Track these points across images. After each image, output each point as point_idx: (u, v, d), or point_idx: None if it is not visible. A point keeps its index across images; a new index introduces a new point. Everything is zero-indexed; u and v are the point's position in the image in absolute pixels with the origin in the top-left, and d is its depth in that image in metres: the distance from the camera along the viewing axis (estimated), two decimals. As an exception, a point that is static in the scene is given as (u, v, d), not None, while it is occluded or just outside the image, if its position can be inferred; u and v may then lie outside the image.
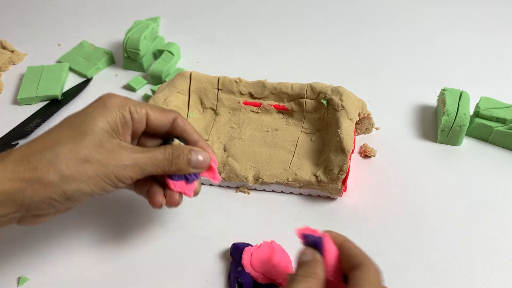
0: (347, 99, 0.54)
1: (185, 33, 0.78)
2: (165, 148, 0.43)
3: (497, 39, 0.76)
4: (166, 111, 0.45)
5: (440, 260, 0.48)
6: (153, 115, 0.44)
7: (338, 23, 0.80)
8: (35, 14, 0.83)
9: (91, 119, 0.40)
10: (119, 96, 0.43)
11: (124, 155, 0.40)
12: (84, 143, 0.39)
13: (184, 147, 0.43)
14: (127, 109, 0.42)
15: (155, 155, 0.42)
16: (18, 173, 0.37)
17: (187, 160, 0.43)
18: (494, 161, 0.57)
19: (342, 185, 0.51)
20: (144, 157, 0.41)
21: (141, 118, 0.43)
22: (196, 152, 0.44)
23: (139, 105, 0.43)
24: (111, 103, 0.42)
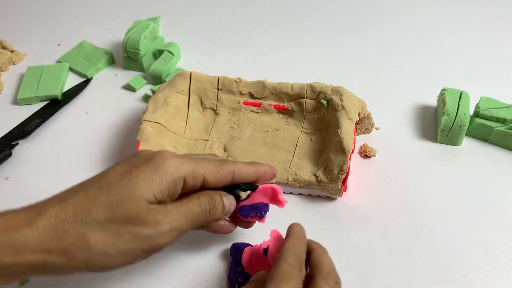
0: (347, 99, 0.54)
1: (185, 33, 0.78)
2: (198, 198, 0.39)
3: (497, 39, 0.76)
4: (223, 167, 0.41)
5: (440, 260, 0.48)
6: (211, 177, 0.40)
7: (338, 23, 0.80)
8: (35, 14, 0.83)
9: (133, 186, 0.36)
10: (175, 159, 0.38)
11: (159, 217, 0.36)
12: (117, 213, 0.35)
13: (214, 192, 0.40)
14: (181, 178, 0.38)
15: (191, 210, 0.38)
16: (43, 243, 0.34)
17: (221, 206, 0.40)
18: (494, 161, 0.57)
19: (342, 185, 0.51)
20: (181, 218, 0.37)
21: (197, 183, 0.40)
22: (225, 196, 0.41)
23: (196, 167, 0.39)
24: (164, 169, 0.37)
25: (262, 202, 0.44)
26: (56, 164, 0.59)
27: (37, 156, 0.60)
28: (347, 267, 0.48)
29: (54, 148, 0.60)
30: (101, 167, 0.58)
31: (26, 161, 0.59)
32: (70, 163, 0.59)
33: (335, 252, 0.49)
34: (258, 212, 0.43)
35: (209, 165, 0.40)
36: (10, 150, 0.58)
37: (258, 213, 0.43)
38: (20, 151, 0.60)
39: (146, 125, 0.54)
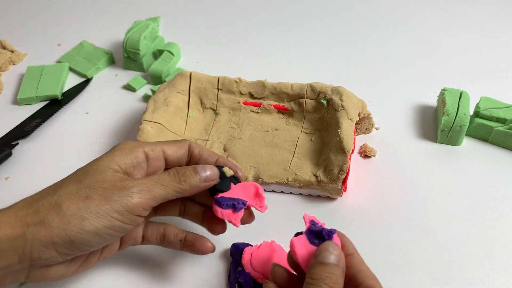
0: (347, 99, 0.54)
1: (185, 33, 0.78)
2: (169, 171, 0.42)
3: (497, 39, 0.76)
4: (178, 142, 0.45)
5: (440, 260, 0.48)
6: (169, 149, 0.43)
7: (338, 23, 0.80)
8: (35, 14, 0.83)
9: (97, 161, 0.40)
10: (132, 141, 0.42)
11: (127, 183, 0.39)
12: (85, 182, 0.38)
13: (187, 166, 0.43)
14: (140, 150, 0.42)
15: (160, 176, 0.41)
16: (20, 218, 0.36)
17: (194, 173, 0.42)
18: (494, 161, 0.57)
19: (342, 185, 0.51)
20: (149, 180, 0.40)
21: (158, 155, 0.43)
22: (202, 167, 0.42)
23: (154, 144, 0.43)
24: (121, 146, 0.42)
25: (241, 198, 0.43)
26: (56, 164, 0.59)
27: (37, 156, 0.60)
28: (347, 267, 0.48)
29: (54, 148, 0.60)
30: (101, 167, 0.58)
31: (26, 161, 0.59)
32: (70, 163, 0.58)
33: (335, 252, 0.49)
34: (235, 202, 0.42)
35: (165, 142, 0.44)
36: (10, 150, 0.58)
37: (234, 203, 0.42)
38: (20, 151, 0.60)
39: (146, 125, 0.54)
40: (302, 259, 0.36)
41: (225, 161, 0.46)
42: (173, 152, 0.44)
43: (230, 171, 0.45)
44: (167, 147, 0.43)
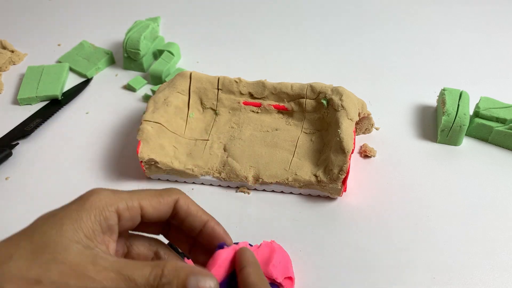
0: (347, 99, 0.55)
1: (185, 33, 0.78)
2: (152, 268, 0.32)
3: (497, 39, 0.76)
4: (164, 195, 0.36)
5: (440, 260, 0.48)
6: (149, 207, 0.35)
7: (338, 23, 0.80)
8: (35, 14, 0.83)
9: (58, 227, 0.31)
10: (105, 193, 0.34)
11: (91, 273, 0.31)
12: (39, 259, 0.30)
13: (181, 268, 0.32)
14: (112, 210, 0.33)
15: (132, 278, 0.31)
16: None
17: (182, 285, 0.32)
18: (494, 161, 0.57)
19: (342, 185, 0.51)
20: (117, 281, 0.31)
21: (134, 215, 0.35)
22: (198, 277, 0.32)
23: (131, 198, 0.34)
24: (91, 204, 0.33)
25: None
26: (56, 164, 0.59)
27: (37, 156, 0.60)
28: (347, 267, 0.48)
29: (54, 148, 0.60)
30: (101, 167, 0.58)
31: (26, 161, 0.59)
32: (70, 163, 0.59)
33: (335, 252, 0.49)
34: None
35: (147, 194, 0.35)
36: (10, 150, 0.58)
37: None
38: (20, 151, 0.60)
39: (146, 125, 0.54)
40: None
41: (214, 225, 0.37)
42: (153, 211, 0.35)
43: None
44: (147, 202, 0.35)
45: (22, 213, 0.53)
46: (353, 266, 0.48)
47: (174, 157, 0.54)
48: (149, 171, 0.55)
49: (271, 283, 0.45)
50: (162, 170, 0.54)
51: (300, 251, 0.49)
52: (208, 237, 0.37)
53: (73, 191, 0.45)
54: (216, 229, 0.37)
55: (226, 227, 0.51)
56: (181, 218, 0.37)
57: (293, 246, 0.49)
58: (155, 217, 0.36)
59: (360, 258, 0.48)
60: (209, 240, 0.37)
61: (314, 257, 0.48)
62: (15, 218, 0.50)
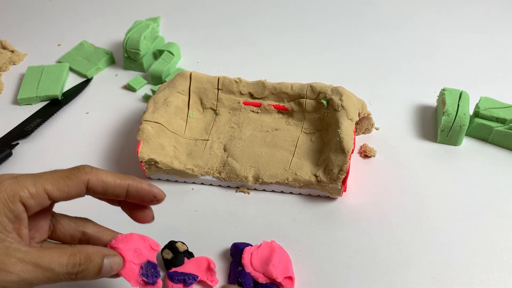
0: (347, 99, 0.55)
1: (185, 33, 0.78)
2: (68, 257, 0.34)
3: (497, 39, 0.76)
4: (73, 177, 0.36)
5: (440, 260, 0.48)
6: (56, 191, 0.35)
7: (338, 23, 0.80)
8: (35, 14, 0.83)
9: None
10: (6, 182, 0.34)
11: (8, 268, 0.32)
12: None
13: (95, 253, 0.35)
14: (16, 201, 0.33)
15: (52, 268, 0.33)
16: None
17: (97, 270, 0.35)
18: (494, 161, 0.57)
19: (342, 185, 0.51)
20: (35, 272, 0.32)
21: (40, 201, 0.34)
22: (109, 258, 0.36)
23: (34, 184, 0.34)
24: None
25: (193, 273, 0.46)
26: (56, 164, 0.58)
27: (37, 156, 0.60)
28: (347, 267, 0.48)
29: (54, 148, 0.60)
30: (101, 167, 0.57)
31: (26, 161, 0.59)
32: (70, 163, 0.58)
33: (335, 252, 0.49)
34: (186, 277, 0.45)
35: (53, 177, 0.35)
36: (10, 150, 0.58)
37: (185, 277, 0.45)
38: (20, 151, 0.60)
39: (146, 125, 0.54)
40: None
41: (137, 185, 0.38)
42: (61, 194, 0.35)
43: (184, 246, 0.47)
44: (53, 187, 0.35)
45: (22, 213, 0.53)
46: (353, 266, 0.48)
47: (174, 157, 0.55)
48: (149, 171, 0.55)
49: (271, 283, 0.45)
50: (162, 170, 0.54)
51: (300, 251, 0.49)
52: (136, 197, 0.39)
53: (73, 191, 0.45)
54: (140, 188, 0.38)
55: (226, 227, 0.51)
56: (100, 193, 0.37)
57: (293, 246, 0.49)
58: (65, 198, 0.36)
59: (360, 258, 0.48)
60: (138, 199, 0.39)
61: (314, 257, 0.48)
62: (15, 218, 0.50)
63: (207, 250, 0.49)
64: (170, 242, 0.48)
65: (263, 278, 0.45)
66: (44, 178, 0.35)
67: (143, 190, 0.39)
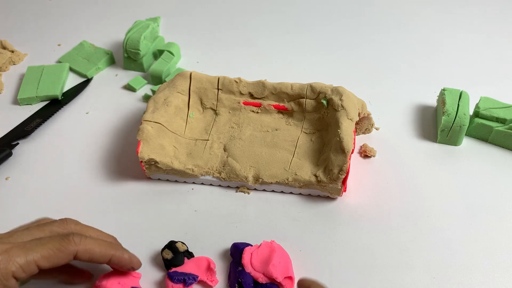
0: (347, 99, 0.55)
1: (185, 33, 0.78)
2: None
3: (497, 39, 0.76)
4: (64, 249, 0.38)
5: (440, 260, 0.48)
6: (46, 263, 0.37)
7: (338, 23, 0.80)
8: (35, 14, 0.84)
9: None
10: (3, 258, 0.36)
11: None
12: None
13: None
14: (9, 277, 0.36)
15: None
16: None
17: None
18: (494, 161, 0.57)
19: (342, 185, 0.51)
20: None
21: (31, 272, 0.37)
22: None
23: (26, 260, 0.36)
24: None
25: (193, 273, 0.46)
26: (56, 164, 0.59)
27: (37, 156, 0.60)
28: (347, 266, 0.48)
29: (54, 148, 0.60)
30: (101, 167, 0.58)
31: (26, 161, 0.59)
32: (70, 163, 0.59)
33: (335, 252, 0.49)
34: (186, 277, 0.45)
35: (43, 249, 0.37)
36: (10, 150, 0.59)
37: (185, 277, 0.45)
38: (20, 151, 0.60)
39: (146, 125, 0.54)
40: None
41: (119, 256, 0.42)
42: (50, 265, 0.38)
43: (184, 246, 0.47)
44: (44, 260, 0.37)
45: (22, 213, 0.53)
46: (353, 266, 0.48)
47: (174, 157, 0.55)
48: (149, 171, 0.55)
49: (271, 283, 0.45)
50: (162, 170, 0.54)
51: (300, 251, 0.49)
52: (116, 265, 0.42)
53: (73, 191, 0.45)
54: (122, 259, 0.42)
55: (226, 227, 0.51)
56: (85, 261, 0.40)
57: (293, 246, 0.49)
58: (51, 267, 0.38)
59: (360, 258, 0.48)
60: (117, 266, 0.43)
61: (314, 257, 0.48)
62: (15, 218, 0.50)
63: (207, 250, 0.49)
64: (170, 242, 0.48)
65: (263, 278, 0.45)
66: (35, 251, 0.37)
67: (124, 261, 0.42)
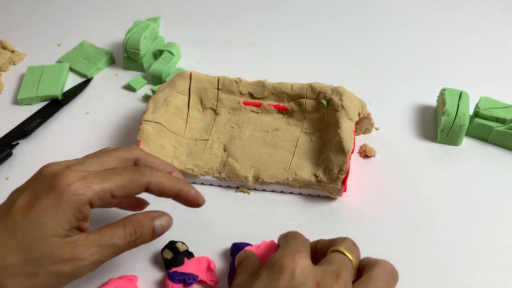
0: (347, 99, 0.55)
1: (185, 33, 0.78)
2: (123, 229, 0.38)
3: (497, 39, 0.76)
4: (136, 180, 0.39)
5: (440, 260, 0.48)
6: (120, 192, 0.38)
7: (338, 23, 0.80)
8: (35, 14, 0.84)
9: (39, 226, 0.35)
10: (76, 184, 0.36)
11: (79, 255, 0.36)
12: (29, 257, 0.35)
13: (145, 218, 0.39)
14: (86, 203, 0.37)
15: (114, 243, 0.37)
16: None
17: (151, 233, 0.40)
18: (494, 161, 0.57)
19: (342, 185, 0.51)
20: (102, 251, 0.37)
21: (106, 200, 0.38)
22: (158, 219, 0.40)
23: (102, 187, 0.37)
24: (66, 201, 0.36)
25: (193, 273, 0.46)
26: (56, 164, 0.58)
27: (37, 156, 0.60)
28: (347, 267, 0.48)
29: (54, 148, 0.60)
30: (101, 167, 0.58)
31: (26, 161, 0.59)
32: (70, 163, 0.59)
33: (335, 252, 0.49)
34: (186, 277, 0.45)
35: (118, 178, 0.38)
36: (10, 150, 0.59)
37: (185, 277, 0.45)
38: (20, 151, 0.60)
39: (146, 125, 0.54)
40: None
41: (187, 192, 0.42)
42: (123, 193, 0.39)
43: (184, 246, 0.47)
44: (118, 189, 0.38)
45: (22, 213, 0.53)
46: (353, 266, 0.48)
47: (174, 157, 0.55)
48: (149, 171, 0.55)
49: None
50: (162, 170, 0.54)
51: (300, 251, 0.49)
52: (182, 200, 0.43)
53: (73, 191, 0.45)
54: (189, 194, 0.42)
55: (226, 227, 0.51)
56: (154, 194, 0.41)
57: (293, 246, 0.49)
58: (129, 196, 0.40)
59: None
60: (183, 202, 0.43)
61: (314, 257, 0.48)
62: (15, 218, 0.50)
63: (207, 250, 0.49)
64: (170, 242, 0.48)
65: (263, 278, 0.45)
66: (111, 180, 0.38)
67: (190, 196, 0.43)
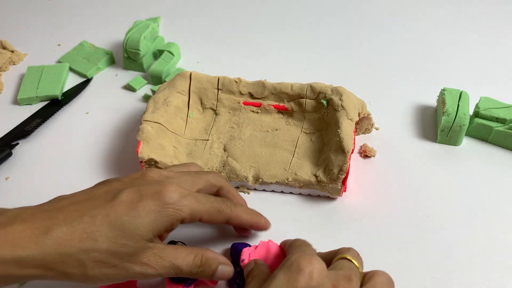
0: (347, 99, 0.55)
1: (185, 33, 0.78)
2: (193, 257, 0.41)
3: (497, 39, 0.76)
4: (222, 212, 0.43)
5: (440, 260, 0.48)
6: (207, 219, 0.42)
7: (338, 23, 0.80)
8: (35, 14, 0.84)
9: (138, 225, 0.38)
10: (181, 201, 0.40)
11: (151, 264, 0.39)
12: (119, 250, 0.38)
13: (213, 258, 0.42)
14: (179, 220, 0.40)
15: (181, 267, 0.40)
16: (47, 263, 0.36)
17: (211, 274, 0.42)
18: (494, 161, 0.57)
19: (342, 185, 0.51)
20: (169, 268, 0.40)
21: (194, 222, 0.42)
22: (223, 265, 0.42)
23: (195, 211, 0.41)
24: (167, 213, 0.39)
25: None
26: (56, 164, 0.59)
27: (37, 156, 0.60)
28: (347, 267, 0.48)
29: (54, 148, 0.60)
30: (101, 167, 0.58)
31: (26, 161, 0.59)
32: (70, 163, 0.59)
33: (335, 252, 0.49)
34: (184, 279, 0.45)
35: (209, 206, 0.42)
36: (10, 150, 0.59)
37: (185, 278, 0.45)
38: (20, 151, 0.60)
39: (146, 125, 0.54)
40: None
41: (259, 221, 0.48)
42: (208, 221, 0.43)
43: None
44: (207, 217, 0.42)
45: (22, 213, 0.53)
46: (353, 266, 0.48)
47: (174, 157, 0.55)
48: (149, 171, 0.55)
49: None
50: (162, 170, 0.54)
51: (300, 251, 0.49)
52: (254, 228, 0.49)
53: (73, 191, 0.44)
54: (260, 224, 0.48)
55: (226, 227, 0.51)
56: (233, 226, 0.48)
57: (293, 246, 0.49)
58: (206, 223, 0.43)
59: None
60: (254, 229, 0.49)
61: (314, 257, 0.48)
62: (15, 218, 0.50)
63: (207, 250, 0.49)
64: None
65: (263, 278, 0.45)
66: (203, 206, 0.42)
67: (261, 226, 0.48)
